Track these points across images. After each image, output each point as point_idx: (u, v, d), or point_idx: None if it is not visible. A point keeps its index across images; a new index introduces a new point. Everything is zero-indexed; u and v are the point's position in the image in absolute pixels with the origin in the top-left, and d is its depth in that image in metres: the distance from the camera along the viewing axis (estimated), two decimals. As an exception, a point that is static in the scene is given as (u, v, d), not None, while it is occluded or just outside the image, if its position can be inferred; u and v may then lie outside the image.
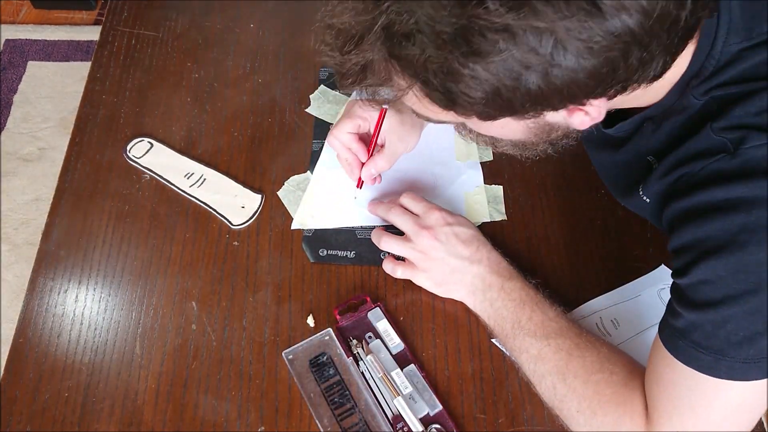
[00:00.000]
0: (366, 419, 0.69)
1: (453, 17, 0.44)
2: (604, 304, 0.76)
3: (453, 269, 0.74)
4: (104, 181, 0.87)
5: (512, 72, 0.46)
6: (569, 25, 0.43)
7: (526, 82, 0.46)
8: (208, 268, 0.80)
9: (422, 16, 0.46)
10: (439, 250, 0.75)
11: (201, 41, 1.01)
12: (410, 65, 0.49)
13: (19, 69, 2.05)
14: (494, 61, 0.45)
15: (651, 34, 0.45)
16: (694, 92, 0.55)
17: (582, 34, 0.44)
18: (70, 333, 0.76)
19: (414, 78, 0.50)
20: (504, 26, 0.44)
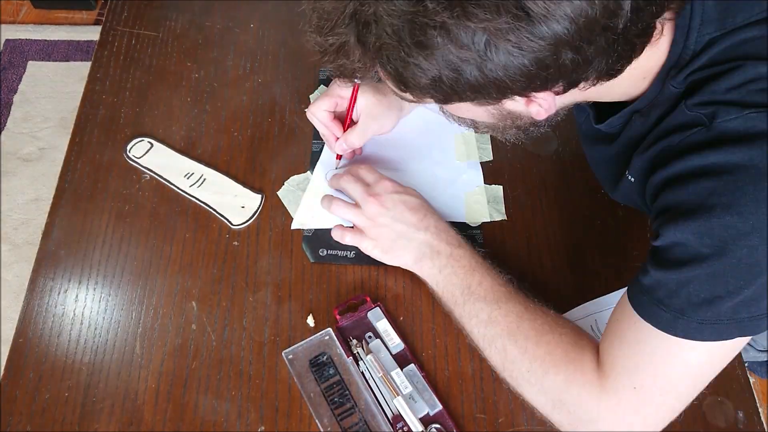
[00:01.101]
0: (366, 419, 0.69)
1: (401, 12, 0.49)
2: (600, 307, 0.76)
3: (399, 235, 0.76)
4: (104, 181, 0.87)
5: (450, 64, 0.50)
6: (499, 26, 0.47)
7: (464, 74, 0.51)
8: (208, 268, 0.80)
9: (379, 8, 0.50)
10: (385, 216, 0.76)
11: (201, 41, 1.01)
12: (369, 49, 0.54)
13: (19, 69, 2.05)
14: (434, 54, 0.50)
15: (581, 39, 0.48)
16: (673, 82, 0.58)
17: (510, 36, 0.47)
18: (70, 333, 0.76)
19: (374, 61, 0.55)
20: (441, 23, 0.48)
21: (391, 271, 0.80)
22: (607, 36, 0.49)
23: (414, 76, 0.52)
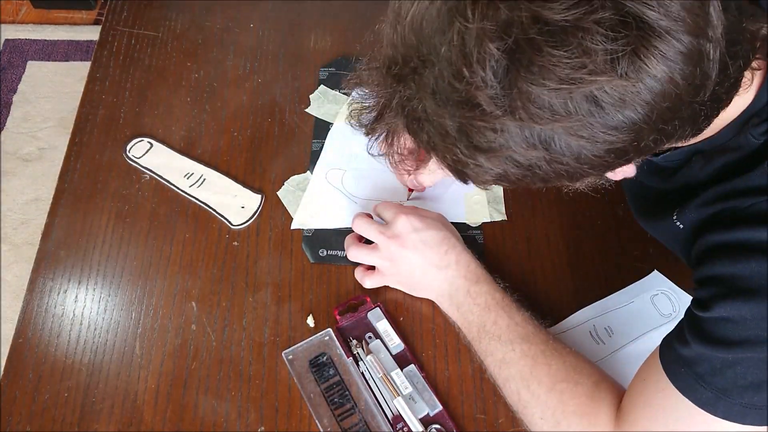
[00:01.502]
0: (366, 419, 0.69)
1: (454, 114, 0.45)
2: (598, 312, 0.76)
3: (423, 273, 0.75)
4: (104, 181, 0.87)
5: (516, 163, 0.47)
6: (568, 125, 0.43)
7: (534, 169, 0.47)
8: (208, 268, 0.80)
9: (428, 107, 0.47)
10: (406, 258, 0.74)
11: (201, 41, 1.01)
12: (422, 144, 0.51)
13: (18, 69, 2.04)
14: (497, 156, 0.46)
15: (663, 121, 0.44)
16: (753, 132, 0.52)
17: (582, 132, 0.43)
18: (70, 333, 0.76)
19: (430, 153, 0.52)
20: (501, 127, 0.44)
21: (391, 271, 0.80)
22: (694, 108, 0.45)
23: (476, 174, 0.49)
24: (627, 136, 0.44)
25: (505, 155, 0.46)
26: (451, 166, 0.51)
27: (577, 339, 0.74)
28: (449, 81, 0.44)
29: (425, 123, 0.48)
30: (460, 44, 0.43)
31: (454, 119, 0.46)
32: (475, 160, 0.47)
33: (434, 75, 0.45)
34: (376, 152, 0.60)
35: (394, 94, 0.49)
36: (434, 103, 0.46)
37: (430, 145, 0.50)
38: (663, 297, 0.76)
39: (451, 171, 0.52)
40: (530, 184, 0.50)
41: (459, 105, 0.45)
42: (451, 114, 0.46)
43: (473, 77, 0.43)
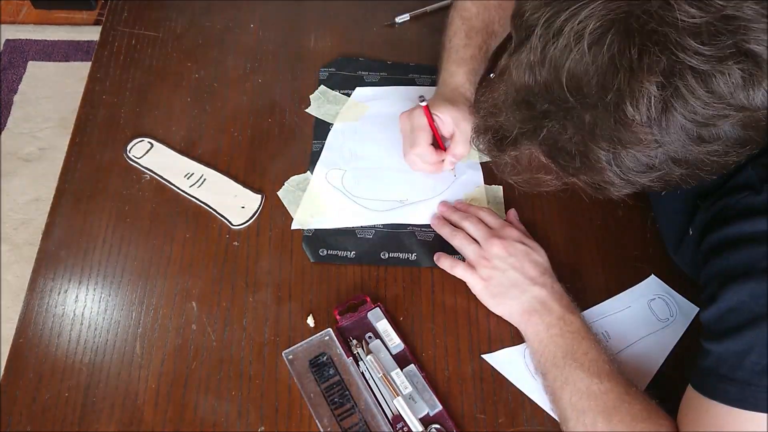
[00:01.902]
0: (366, 419, 0.69)
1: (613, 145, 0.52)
2: (595, 316, 0.76)
3: (514, 284, 0.73)
4: (104, 181, 0.87)
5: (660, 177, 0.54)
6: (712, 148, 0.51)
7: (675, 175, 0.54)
8: (208, 268, 0.80)
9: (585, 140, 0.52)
10: (505, 261, 0.74)
11: (201, 41, 1.01)
12: (566, 169, 0.56)
13: (19, 69, 2.04)
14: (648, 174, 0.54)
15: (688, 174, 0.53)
16: None
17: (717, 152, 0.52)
18: (70, 333, 0.76)
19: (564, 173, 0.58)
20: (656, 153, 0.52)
21: (391, 271, 0.80)
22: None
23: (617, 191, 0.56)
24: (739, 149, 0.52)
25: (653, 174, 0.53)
26: (590, 185, 0.57)
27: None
28: (612, 120, 0.50)
29: (578, 155, 0.54)
30: (626, 90, 0.49)
31: (611, 149, 0.52)
32: (627, 179, 0.54)
33: (592, 114, 0.51)
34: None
35: (540, 127, 0.54)
36: (590, 139, 0.52)
37: (576, 171, 0.55)
38: (660, 302, 0.76)
39: (586, 187, 0.58)
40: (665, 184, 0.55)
41: (620, 140, 0.51)
42: (610, 145, 0.51)
43: (636, 116, 0.49)
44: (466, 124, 0.81)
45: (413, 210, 0.84)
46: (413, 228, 0.83)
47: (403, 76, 0.97)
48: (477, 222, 0.79)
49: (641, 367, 0.72)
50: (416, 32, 1.03)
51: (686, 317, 0.75)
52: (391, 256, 0.81)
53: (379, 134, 0.91)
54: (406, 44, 1.01)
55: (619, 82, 0.49)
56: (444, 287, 0.79)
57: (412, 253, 0.81)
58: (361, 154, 0.89)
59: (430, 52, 1.00)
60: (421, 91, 0.91)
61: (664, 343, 0.73)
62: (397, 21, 1.03)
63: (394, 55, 1.00)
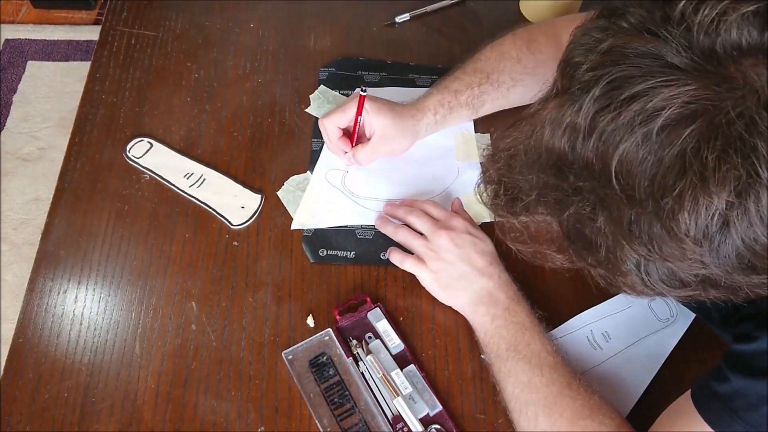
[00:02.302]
0: (366, 419, 0.69)
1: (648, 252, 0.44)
2: (595, 317, 0.76)
3: (461, 275, 0.74)
4: (104, 181, 0.87)
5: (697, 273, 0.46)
6: None
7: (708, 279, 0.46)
8: (208, 268, 0.80)
9: (617, 235, 0.45)
10: (452, 253, 0.74)
11: (201, 41, 1.01)
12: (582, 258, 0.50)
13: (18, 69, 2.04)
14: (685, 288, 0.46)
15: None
16: None
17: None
18: (70, 333, 0.76)
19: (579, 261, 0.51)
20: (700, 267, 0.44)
21: (391, 271, 0.80)
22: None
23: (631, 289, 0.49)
24: None
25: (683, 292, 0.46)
26: (601, 277, 0.50)
27: (575, 344, 0.74)
28: (659, 226, 0.42)
29: (600, 247, 0.47)
30: (689, 198, 0.41)
31: (645, 254, 0.44)
32: (651, 288, 0.47)
33: (636, 212, 0.43)
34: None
35: (566, 204, 0.47)
36: (625, 237, 0.44)
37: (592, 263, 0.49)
38: (661, 302, 0.76)
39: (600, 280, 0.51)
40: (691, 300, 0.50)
41: (657, 248, 0.43)
42: (646, 252, 0.44)
43: (691, 230, 0.41)
44: (383, 143, 0.82)
45: (413, 210, 0.84)
46: (413, 228, 0.83)
47: (403, 76, 0.97)
48: (422, 215, 0.79)
49: (641, 367, 0.72)
50: (416, 32, 1.03)
51: (686, 317, 0.75)
52: (391, 256, 0.81)
53: None
54: (406, 44, 1.01)
55: (683, 188, 0.40)
56: (444, 287, 0.79)
57: (412, 254, 0.81)
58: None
59: (430, 52, 1.00)
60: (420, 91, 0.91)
61: (664, 344, 0.73)
62: (397, 21, 1.03)
63: (394, 55, 1.00)
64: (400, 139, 0.83)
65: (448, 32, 1.03)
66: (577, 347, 0.73)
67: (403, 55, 1.00)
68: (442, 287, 0.75)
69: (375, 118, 0.81)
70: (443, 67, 0.96)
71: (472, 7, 1.06)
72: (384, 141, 0.82)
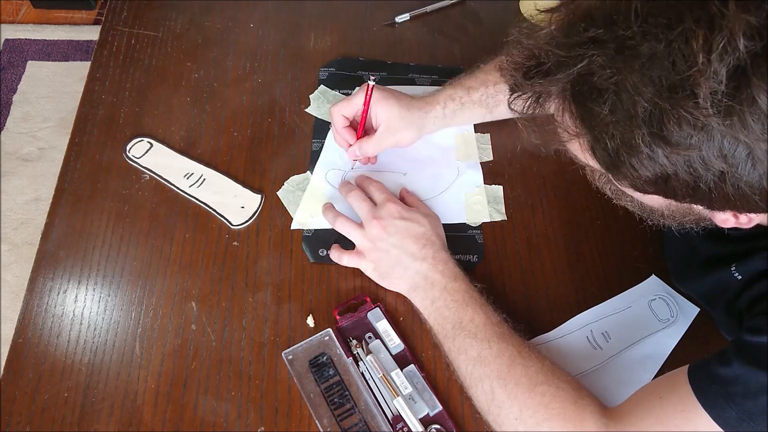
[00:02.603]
0: (366, 419, 0.69)
1: (657, 95, 0.43)
2: (595, 317, 0.76)
3: (397, 262, 0.75)
4: (104, 181, 0.87)
5: (691, 168, 0.45)
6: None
7: (699, 180, 0.45)
8: (207, 268, 0.80)
9: (627, 80, 0.43)
10: (385, 242, 0.75)
11: (201, 41, 1.01)
12: (590, 118, 0.47)
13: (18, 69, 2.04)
14: (679, 153, 0.44)
15: None
16: None
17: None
18: (70, 333, 0.76)
19: (587, 130, 0.48)
20: (705, 125, 0.42)
21: (391, 271, 0.80)
22: None
23: (638, 166, 0.46)
24: None
25: (689, 156, 0.44)
26: (608, 152, 0.47)
27: (575, 344, 0.74)
28: (673, 61, 0.41)
29: (612, 96, 0.44)
30: (707, 28, 0.40)
31: (653, 101, 0.43)
32: (652, 151, 0.44)
33: (654, 50, 0.42)
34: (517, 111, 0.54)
35: (581, 56, 0.45)
36: (639, 78, 0.43)
37: (601, 121, 0.46)
38: (661, 302, 0.76)
39: (602, 158, 0.48)
40: (677, 195, 0.48)
41: (671, 88, 0.42)
42: (654, 93, 0.42)
43: (705, 66, 0.40)
44: (389, 134, 0.82)
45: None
46: (413, 228, 0.83)
47: (403, 76, 0.97)
48: (359, 199, 0.79)
49: (641, 367, 0.72)
50: (416, 32, 1.03)
51: (687, 317, 0.75)
52: (391, 256, 0.81)
53: None
54: (406, 44, 1.01)
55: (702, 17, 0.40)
56: (444, 287, 0.79)
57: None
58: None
59: (430, 53, 1.00)
60: (419, 90, 0.91)
61: (664, 344, 0.73)
62: (397, 21, 1.03)
63: (394, 55, 1.00)
64: (406, 131, 0.83)
65: (448, 32, 1.03)
66: (577, 347, 0.73)
67: (403, 55, 1.00)
68: (381, 276, 0.76)
69: (382, 108, 0.81)
70: (443, 67, 0.97)
71: (472, 7, 1.06)
72: (390, 132, 0.82)
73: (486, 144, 0.90)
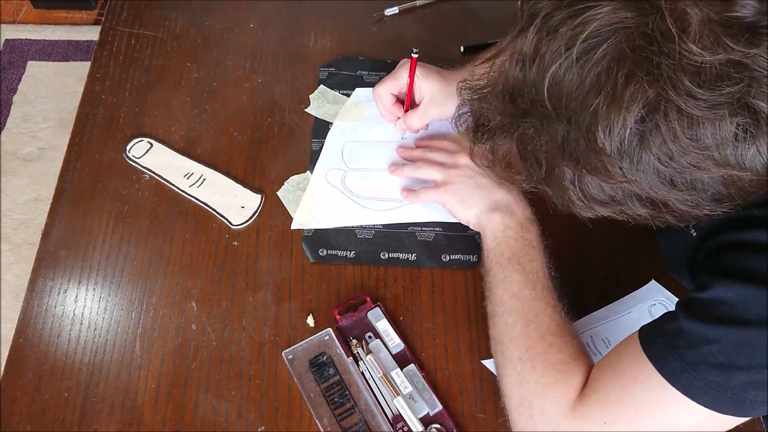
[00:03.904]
0: (366, 419, 0.69)
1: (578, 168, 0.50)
2: (595, 322, 0.76)
3: (481, 186, 0.77)
4: (104, 181, 0.87)
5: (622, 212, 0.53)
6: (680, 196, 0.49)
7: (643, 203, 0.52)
8: (208, 268, 0.80)
9: (553, 154, 0.51)
10: (473, 168, 0.78)
11: (201, 41, 1.01)
12: (533, 178, 0.55)
13: (18, 69, 2.04)
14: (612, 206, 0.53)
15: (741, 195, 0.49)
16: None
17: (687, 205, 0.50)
18: (70, 333, 0.76)
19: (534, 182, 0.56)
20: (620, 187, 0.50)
21: (391, 271, 0.80)
22: None
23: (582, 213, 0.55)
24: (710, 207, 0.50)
25: (615, 207, 0.51)
26: (557, 200, 0.55)
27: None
28: (583, 141, 0.48)
29: (545, 164, 0.52)
30: (603, 114, 0.46)
31: (576, 171, 0.50)
32: (590, 206, 0.53)
33: (565, 129, 0.48)
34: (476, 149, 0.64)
35: (517, 125, 0.52)
36: (558, 152, 0.50)
37: (543, 181, 0.53)
38: (660, 307, 0.76)
39: (556, 202, 0.56)
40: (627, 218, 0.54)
41: (584, 163, 0.49)
42: (576, 167, 0.50)
43: (606, 146, 0.46)
44: (433, 107, 0.84)
45: (413, 210, 0.84)
46: (413, 228, 0.83)
47: (403, 76, 0.97)
48: (439, 150, 0.84)
49: None
50: (416, 32, 1.03)
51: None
52: (391, 256, 0.81)
53: (379, 134, 0.91)
54: (406, 44, 1.01)
55: (598, 105, 0.46)
56: (444, 287, 0.79)
57: (412, 253, 0.81)
58: (361, 154, 0.89)
59: (431, 53, 1.00)
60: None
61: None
62: (387, 13, 1.04)
63: (394, 55, 1.00)
64: (450, 100, 0.84)
65: (448, 32, 1.03)
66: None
67: (403, 55, 0.99)
68: (460, 200, 0.77)
69: (425, 83, 0.83)
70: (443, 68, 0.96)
71: (471, 6, 1.06)
72: (434, 105, 0.84)
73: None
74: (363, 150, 0.90)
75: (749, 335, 0.50)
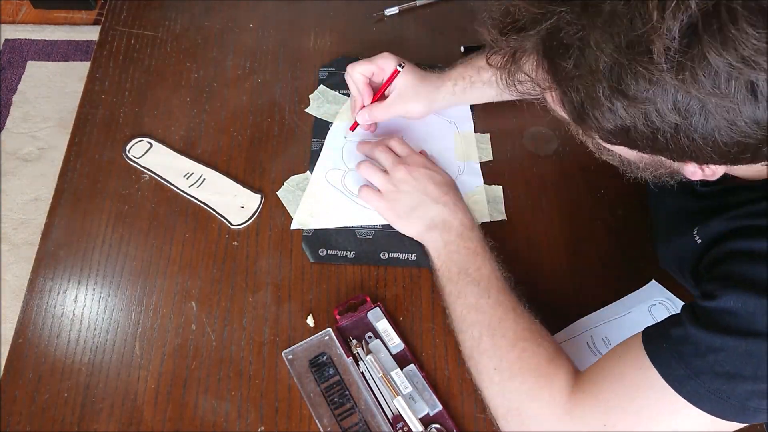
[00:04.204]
0: (366, 419, 0.69)
1: (616, 51, 0.45)
2: (595, 322, 0.75)
3: (417, 204, 0.78)
4: (103, 181, 0.87)
5: (648, 120, 0.47)
6: (721, 102, 0.44)
7: (657, 132, 0.48)
8: (207, 268, 0.80)
9: (590, 36, 0.46)
10: (409, 184, 0.79)
11: (200, 41, 1.01)
12: (558, 72, 0.50)
13: (18, 69, 2.04)
14: (636, 106, 0.47)
15: None
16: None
17: (729, 114, 0.45)
18: (70, 333, 0.76)
19: (556, 84, 0.51)
20: (659, 80, 0.44)
21: (391, 271, 0.80)
22: None
23: (600, 118, 0.49)
24: (760, 134, 0.45)
25: (645, 109, 0.46)
26: (574, 104, 0.50)
27: (575, 350, 0.73)
28: (631, 19, 0.44)
29: (576, 51, 0.47)
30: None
31: (613, 56, 0.45)
32: (612, 104, 0.47)
33: (614, 8, 0.45)
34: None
35: (551, 13, 0.48)
36: (600, 35, 0.45)
37: (566, 75, 0.49)
38: (661, 307, 0.76)
39: (570, 111, 0.52)
40: (641, 146, 0.51)
41: (629, 45, 0.44)
42: (614, 50, 0.45)
43: (659, 24, 0.43)
44: (400, 102, 0.85)
45: (413, 210, 0.84)
46: (413, 228, 0.83)
47: (403, 76, 0.97)
48: (386, 151, 0.83)
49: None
50: (416, 32, 1.03)
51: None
52: (391, 256, 0.81)
53: (379, 134, 0.91)
54: (406, 44, 1.01)
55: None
56: (444, 287, 0.79)
57: (412, 253, 0.81)
58: (361, 154, 0.89)
59: (430, 53, 1.00)
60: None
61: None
62: (387, 13, 1.04)
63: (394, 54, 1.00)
64: (416, 102, 0.86)
65: (447, 32, 1.03)
66: (577, 353, 0.73)
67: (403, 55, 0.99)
68: (398, 216, 0.79)
69: (399, 77, 0.84)
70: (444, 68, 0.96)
71: (471, 6, 1.06)
72: (400, 100, 0.85)
73: (486, 144, 0.91)
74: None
75: (756, 346, 0.50)
